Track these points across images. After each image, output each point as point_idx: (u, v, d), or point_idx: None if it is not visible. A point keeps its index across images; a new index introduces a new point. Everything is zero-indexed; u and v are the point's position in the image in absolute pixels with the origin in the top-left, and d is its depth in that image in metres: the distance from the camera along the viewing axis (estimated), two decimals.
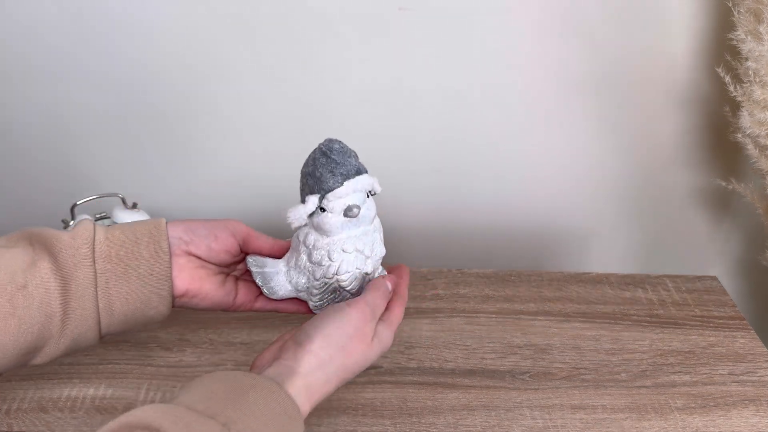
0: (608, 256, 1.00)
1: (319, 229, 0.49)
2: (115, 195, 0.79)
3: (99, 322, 0.46)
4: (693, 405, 0.64)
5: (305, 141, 0.88)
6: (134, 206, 0.80)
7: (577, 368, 0.68)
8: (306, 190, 0.49)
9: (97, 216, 0.80)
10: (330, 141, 0.49)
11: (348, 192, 0.48)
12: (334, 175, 0.47)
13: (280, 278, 0.52)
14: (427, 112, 0.87)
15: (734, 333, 0.74)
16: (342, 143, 0.49)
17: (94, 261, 0.45)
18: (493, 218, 0.96)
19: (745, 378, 0.68)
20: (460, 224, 0.95)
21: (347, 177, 0.48)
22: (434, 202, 0.94)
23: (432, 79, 0.85)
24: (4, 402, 0.63)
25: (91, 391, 0.65)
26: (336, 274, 0.49)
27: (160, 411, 0.37)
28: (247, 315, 0.75)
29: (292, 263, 0.51)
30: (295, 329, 0.48)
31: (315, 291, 0.51)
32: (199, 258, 0.50)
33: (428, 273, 0.82)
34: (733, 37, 0.73)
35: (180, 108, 0.87)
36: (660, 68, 0.85)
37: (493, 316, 0.76)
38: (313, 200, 0.48)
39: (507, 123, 0.88)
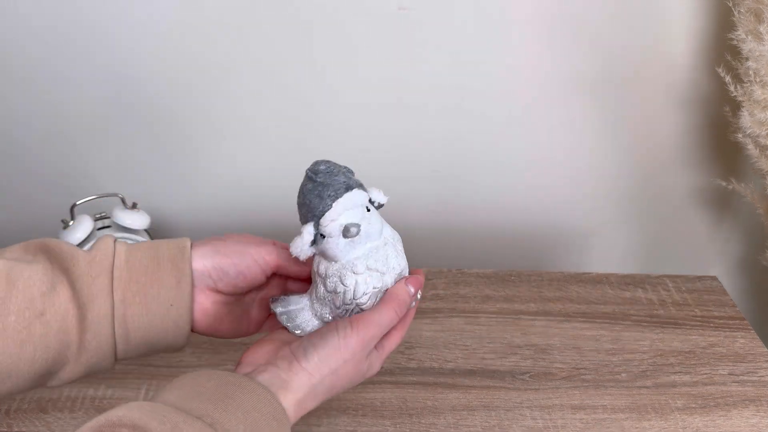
0: (608, 256, 1.00)
1: (326, 256, 0.47)
2: (115, 195, 0.79)
3: (115, 350, 0.45)
4: (693, 405, 0.64)
5: (305, 140, 0.89)
6: (134, 206, 0.80)
7: (578, 368, 0.68)
8: (302, 221, 0.47)
9: (97, 216, 0.80)
10: (316, 164, 0.46)
11: (340, 212, 0.45)
12: (322, 198, 0.45)
13: (305, 314, 0.49)
14: (427, 112, 0.87)
15: (734, 333, 0.74)
16: (329, 163, 0.46)
17: (112, 291, 0.43)
18: (493, 218, 0.96)
19: (745, 378, 0.68)
20: (460, 224, 0.95)
21: (336, 197, 0.45)
22: (434, 202, 0.94)
23: (432, 79, 0.85)
24: (4, 402, 0.63)
25: (90, 392, 0.65)
26: (354, 299, 0.46)
27: (146, 410, 0.36)
28: None
29: (314, 296, 0.49)
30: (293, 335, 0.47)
31: (328, 315, 0.48)
32: (222, 293, 0.48)
33: (428, 273, 0.81)
34: (733, 36, 0.73)
35: (180, 108, 0.87)
36: (660, 68, 0.85)
37: (493, 316, 0.75)
38: (308, 229, 0.46)
39: (507, 123, 0.88)
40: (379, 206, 0.49)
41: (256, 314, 0.52)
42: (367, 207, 0.47)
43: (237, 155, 0.91)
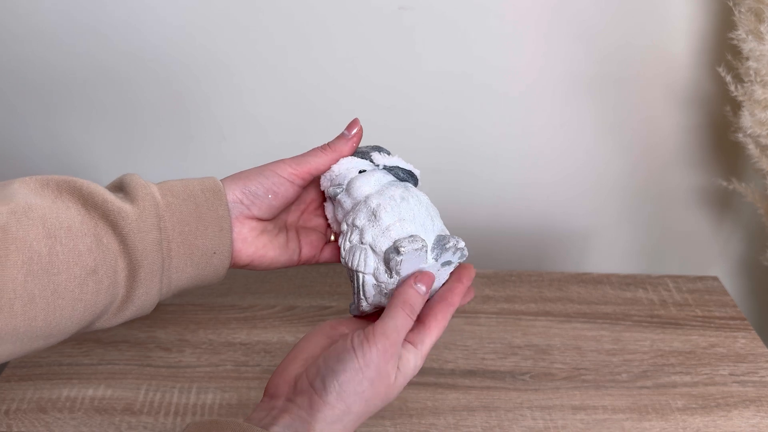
0: (609, 256, 1.00)
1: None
2: None
3: (157, 299, 0.44)
4: (694, 405, 0.64)
5: (305, 138, 0.89)
6: None
7: (578, 369, 0.68)
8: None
9: None
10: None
11: (328, 178, 0.50)
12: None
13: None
14: (426, 112, 0.87)
15: (735, 333, 0.73)
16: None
17: (161, 245, 0.42)
18: (493, 218, 0.96)
19: (746, 378, 0.67)
20: (460, 224, 0.95)
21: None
22: (434, 202, 0.93)
23: (432, 79, 0.85)
24: (3, 402, 0.63)
25: (90, 392, 0.65)
26: (344, 260, 0.47)
27: None
28: (246, 315, 0.75)
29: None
30: (311, 360, 0.43)
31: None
32: (260, 220, 0.47)
33: None
34: (734, 36, 0.72)
35: (180, 107, 0.87)
36: (661, 67, 0.85)
37: (494, 316, 0.75)
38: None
39: (507, 123, 0.88)
40: (409, 174, 0.52)
41: (306, 243, 0.51)
42: (361, 170, 0.50)
43: (237, 154, 0.91)
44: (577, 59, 0.84)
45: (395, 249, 0.44)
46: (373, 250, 0.45)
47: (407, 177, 0.52)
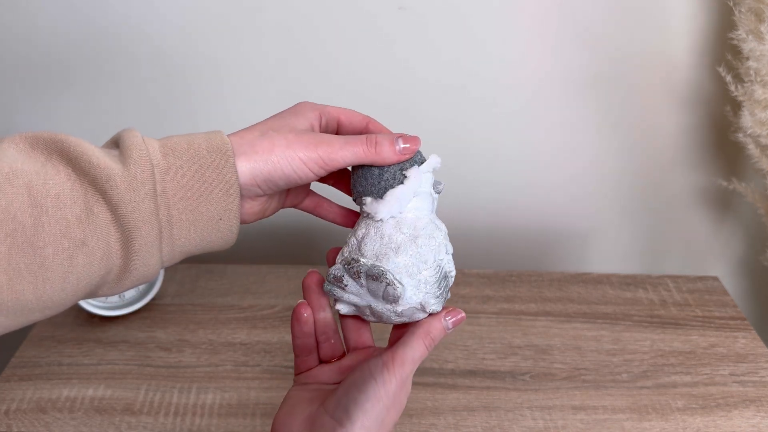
0: (609, 256, 1.00)
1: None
2: None
3: (160, 266, 0.41)
4: (694, 405, 0.64)
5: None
6: None
7: (578, 369, 0.68)
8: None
9: None
10: None
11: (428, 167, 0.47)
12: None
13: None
14: (426, 112, 0.87)
15: (735, 333, 0.73)
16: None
17: (158, 212, 0.38)
18: (493, 218, 0.96)
19: (746, 378, 0.67)
20: (460, 224, 0.95)
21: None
22: None
23: (431, 79, 0.85)
24: (3, 402, 0.63)
25: (90, 392, 0.65)
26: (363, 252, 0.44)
27: None
28: (246, 316, 0.75)
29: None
30: (322, 395, 0.43)
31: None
32: (269, 195, 0.45)
33: None
34: (734, 36, 0.72)
35: (179, 106, 0.87)
36: (661, 67, 0.85)
37: (494, 316, 0.75)
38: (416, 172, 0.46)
39: (507, 123, 0.88)
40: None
41: (289, 193, 0.48)
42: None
43: None
44: (578, 59, 0.84)
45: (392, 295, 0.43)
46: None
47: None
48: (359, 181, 0.45)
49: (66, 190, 0.36)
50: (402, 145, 0.44)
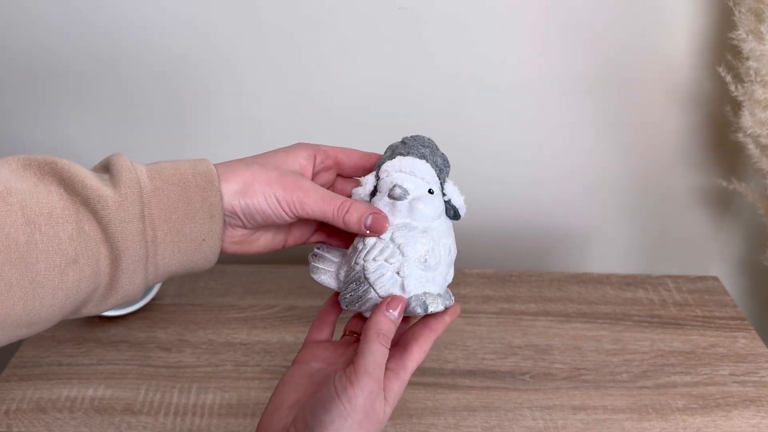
0: (609, 256, 1.00)
1: None
2: None
3: (144, 285, 0.42)
4: (694, 405, 0.64)
5: (306, 139, 0.89)
6: None
7: (578, 369, 0.68)
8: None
9: None
10: (417, 135, 0.46)
11: (397, 168, 0.43)
12: (392, 152, 0.44)
13: (331, 267, 0.47)
14: (426, 112, 0.87)
15: (735, 333, 0.73)
16: (427, 139, 0.46)
17: (144, 233, 0.40)
18: (493, 218, 0.96)
19: (746, 378, 0.67)
20: (460, 224, 0.95)
21: (403, 155, 0.44)
22: None
23: (431, 79, 0.85)
24: (3, 402, 0.63)
25: (90, 392, 0.65)
26: (363, 260, 0.43)
27: None
28: (246, 315, 0.75)
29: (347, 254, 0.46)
30: (299, 409, 0.42)
31: (342, 275, 0.46)
32: (252, 229, 0.45)
33: None
34: (734, 36, 0.72)
35: (180, 107, 0.87)
36: (661, 68, 0.85)
37: (494, 316, 0.75)
38: (370, 178, 0.44)
39: (507, 123, 0.88)
40: (454, 213, 0.47)
41: (296, 230, 0.49)
42: (431, 189, 0.45)
43: (238, 154, 0.90)
44: (578, 59, 0.84)
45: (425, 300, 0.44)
46: (398, 275, 0.44)
47: (454, 215, 0.49)
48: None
49: (58, 209, 0.37)
50: (368, 223, 0.44)
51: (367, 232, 0.44)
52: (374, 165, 0.48)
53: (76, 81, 0.85)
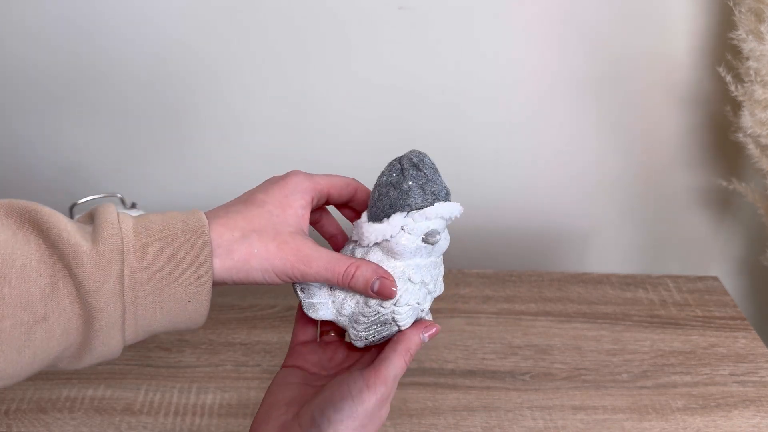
0: (609, 256, 1.00)
1: (388, 250, 0.42)
2: (114, 195, 0.79)
3: (122, 345, 0.40)
4: (694, 405, 0.64)
5: (306, 140, 0.89)
6: (133, 206, 0.80)
7: (578, 369, 0.68)
8: (386, 202, 0.42)
9: None
10: (420, 153, 0.43)
11: (436, 215, 0.42)
12: (424, 192, 0.42)
13: (324, 297, 0.44)
14: (426, 112, 0.87)
15: (735, 333, 0.73)
16: (430, 158, 0.44)
17: (123, 293, 0.37)
18: (493, 218, 0.96)
19: (746, 378, 0.67)
20: (460, 224, 0.95)
21: (438, 198, 0.43)
22: None
23: (432, 79, 0.85)
24: (3, 402, 0.63)
25: (90, 392, 0.65)
26: (395, 305, 0.43)
27: None
28: (246, 315, 0.75)
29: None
30: (298, 407, 0.42)
31: (362, 319, 0.44)
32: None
33: None
34: (734, 36, 0.72)
35: (181, 108, 0.87)
36: (661, 68, 0.85)
37: (494, 316, 0.75)
38: (398, 219, 0.42)
39: (507, 123, 0.88)
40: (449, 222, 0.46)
41: None
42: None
43: (237, 155, 0.91)
44: (578, 60, 0.84)
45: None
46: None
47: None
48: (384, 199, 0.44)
49: (33, 262, 0.35)
50: (376, 288, 0.42)
51: (374, 296, 0.43)
52: (355, 192, 0.46)
53: (73, 85, 0.85)
